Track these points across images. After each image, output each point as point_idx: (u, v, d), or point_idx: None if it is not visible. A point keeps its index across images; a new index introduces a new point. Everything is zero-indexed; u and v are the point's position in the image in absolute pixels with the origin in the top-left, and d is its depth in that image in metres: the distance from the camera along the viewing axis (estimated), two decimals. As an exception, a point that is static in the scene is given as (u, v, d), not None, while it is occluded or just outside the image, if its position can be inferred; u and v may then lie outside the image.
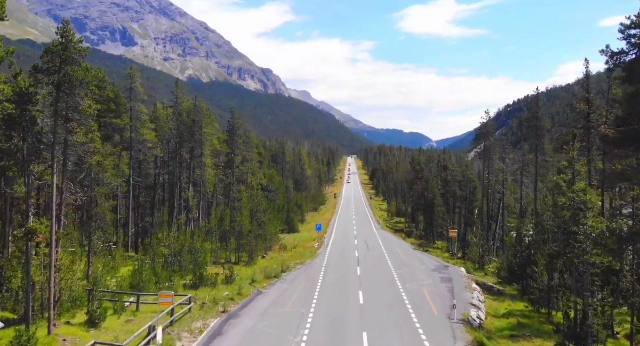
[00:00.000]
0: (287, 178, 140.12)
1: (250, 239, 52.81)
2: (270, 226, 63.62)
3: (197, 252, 44.45)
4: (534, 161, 57.14)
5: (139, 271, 37.00)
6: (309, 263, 50.83)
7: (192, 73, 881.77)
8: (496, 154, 65.40)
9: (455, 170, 77.20)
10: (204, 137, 54.00)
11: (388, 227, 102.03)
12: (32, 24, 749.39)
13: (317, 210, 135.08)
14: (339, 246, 63.71)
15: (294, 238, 79.35)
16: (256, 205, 62.51)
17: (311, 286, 39.29)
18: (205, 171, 55.37)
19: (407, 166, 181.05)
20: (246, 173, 73.01)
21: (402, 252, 60.19)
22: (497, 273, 56.60)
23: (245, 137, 76.51)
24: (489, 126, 65.45)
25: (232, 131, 66.41)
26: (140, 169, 53.77)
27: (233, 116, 67.94)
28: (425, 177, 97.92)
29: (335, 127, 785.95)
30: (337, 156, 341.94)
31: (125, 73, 51.16)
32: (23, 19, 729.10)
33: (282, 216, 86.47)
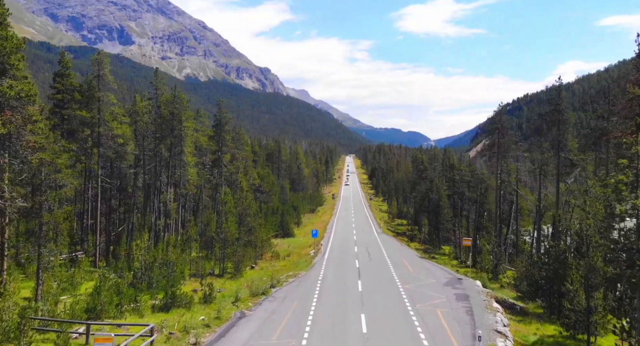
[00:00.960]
0: (283, 177, 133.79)
1: (237, 247, 46.53)
2: (261, 232, 57.39)
3: (172, 265, 38.17)
4: (555, 159, 50.87)
5: (98, 291, 30.71)
6: (304, 276, 44.52)
7: (190, 72, 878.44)
8: (510, 151, 59.05)
9: (464, 170, 70.91)
10: (184, 133, 47.61)
11: (389, 230, 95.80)
12: (29, 22, 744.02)
13: (314, 212, 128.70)
14: (337, 254, 57.46)
15: (289, 243, 73.05)
16: (245, 208, 56.22)
17: (304, 308, 33.01)
18: (186, 170, 48.97)
19: (408, 166, 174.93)
20: (236, 172, 66.75)
21: (408, 261, 53.94)
22: (515, 285, 50.46)
23: (235, 133, 70.23)
24: (503, 121, 59.10)
25: (219, 127, 59.89)
26: (113, 169, 47.43)
27: (220, 110, 61.41)
28: (429, 177, 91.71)
29: (333, 127, 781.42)
30: (336, 155, 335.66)
31: (92, 58, 44.71)
32: (20, 18, 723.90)
33: (276, 219, 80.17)
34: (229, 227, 45.34)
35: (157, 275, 35.90)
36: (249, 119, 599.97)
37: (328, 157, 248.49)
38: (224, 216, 45.22)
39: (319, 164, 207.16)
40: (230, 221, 45.58)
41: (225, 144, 59.99)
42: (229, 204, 45.50)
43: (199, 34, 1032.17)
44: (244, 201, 56.79)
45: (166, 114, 47.54)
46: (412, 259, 56.71)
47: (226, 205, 45.15)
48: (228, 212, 45.25)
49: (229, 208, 45.47)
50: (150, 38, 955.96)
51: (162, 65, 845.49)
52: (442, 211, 77.12)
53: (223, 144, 59.70)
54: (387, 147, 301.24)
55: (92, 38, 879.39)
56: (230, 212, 45.65)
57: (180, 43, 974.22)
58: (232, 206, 48.18)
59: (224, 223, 45.29)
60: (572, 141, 49.84)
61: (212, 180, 59.76)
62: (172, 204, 48.10)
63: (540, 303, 41.50)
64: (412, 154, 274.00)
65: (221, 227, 45.47)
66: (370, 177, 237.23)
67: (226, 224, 45.14)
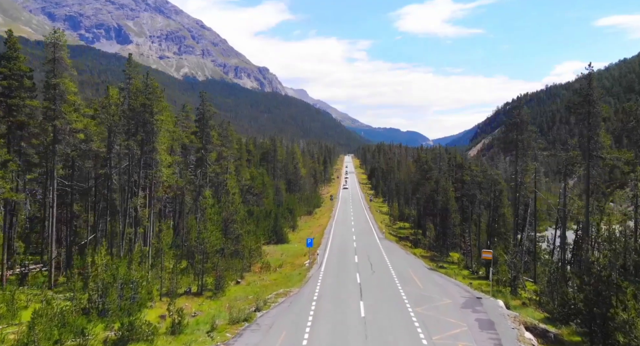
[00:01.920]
0: (279, 178, 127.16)
1: (218, 260, 39.93)
2: (249, 240, 50.80)
3: (136, 285, 31.59)
4: (585, 158, 44.34)
5: (33, 324, 24.17)
6: (296, 295, 37.90)
7: (188, 71, 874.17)
8: (530, 149, 52.42)
9: (475, 170, 64.28)
10: (157, 127, 40.95)
11: (391, 234, 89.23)
12: (26, 21, 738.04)
13: (311, 214, 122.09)
14: (335, 264, 50.85)
15: (282, 251, 66.45)
16: (231, 214, 49.67)
17: (294, 342, 26.51)
18: (159, 171, 42.29)
19: (409, 165, 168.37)
20: (223, 173, 60.19)
21: (416, 273, 47.30)
22: (539, 302, 43.98)
23: (222, 129, 63.61)
24: (522, 114, 52.43)
25: (202, 121, 53.14)
26: (74, 169, 40.78)
27: (203, 102, 54.61)
28: (434, 177, 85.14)
29: (332, 126, 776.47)
30: (334, 154, 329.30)
31: (45, 40, 38.04)
32: (17, 17, 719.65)
33: (269, 223, 73.55)
34: (209, 236, 38.74)
35: (113, 299, 29.28)
36: (247, 118, 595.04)
37: (326, 157, 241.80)
38: (202, 224, 38.65)
39: (316, 164, 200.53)
40: (210, 229, 38.98)
41: (210, 141, 53.25)
42: (209, 210, 38.91)
43: (197, 33, 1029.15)
44: (230, 205, 50.27)
45: (136, 105, 40.92)
46: (419, 270, 50.09)
47: (205, 211, 38.55)
48: (208, 219, 38.66)
49: (210, 213, 38.88)
50: (148, 37, 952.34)
51: (160, 64, 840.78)
52: (450, 215, 70.63)
53: (207, 141, 52.97)
54: (386, 147, 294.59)
55: (89, 37, 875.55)
56: (210, 219, 39.07)
57: (178, 42, 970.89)
58: (213, 212, 41.52)
59: (203, 232, 38.68)
60: (604, 136, 43.20)
61: (195, 181, 53.18)
62: (144, 211, 41.51)
63: (576, 328, 35.03)
64: (413, 153, 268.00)
65: (200, 237, 38.90)
66: (370, 177, 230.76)
67: (205, 234, 38.54)
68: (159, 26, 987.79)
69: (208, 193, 40.60)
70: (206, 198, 39.16)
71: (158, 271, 37.55)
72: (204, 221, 38.48)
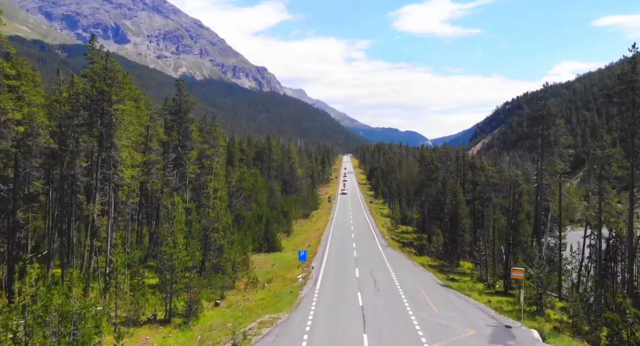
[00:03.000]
0: (275, 178, 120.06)
1: (190, 280, 32.87)
2: (232, 252, 43.74)
3: (78, 317, 24.55)
4: (631, 157, 37.35)
5: None
6: (284, 323, 30.82)
7: (186, 71, 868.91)
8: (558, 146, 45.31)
9: (490, 170, 57.14)
10: (116, 118, 33.78)
11: (394, 239, 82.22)
12: (23, 20, 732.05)
13: (308, 217, 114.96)
14: (333, 280, 43.75)
15: (274, 260, 59.42)
16: (212, 221, 42.65)
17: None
18: (120, 171, 35.13)
19: (411, 165, 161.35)
20: (206, 173, 53.13)
21: (428, 292, 40.20)
22: (576, 328, 37.04)
23: (205, 125, 56.52)
24: (549, 106, 45.31)
25: (178, 114, 45.98)
26: (17, 169, 33.60)
27: (180, 92, 47.31)
28: (441, 178, 78.16)
29: (330, 126, 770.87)
30: (333, 154, 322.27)
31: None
32: (14, 16, 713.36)
33: (260, 229, 66.51)
34: (178, 252, 31.70)
35: (39, 340, 22.26)
36: (246, 118, 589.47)
37: (324, 157, 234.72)
38: (170, 237, 31.70)
39: (314, 163, 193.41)
40: (180, 243, 31.97)
41: (189, 137, 46.12)
42: (178, 218, 31.91)
43: (195, 33, 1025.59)
44: (211, 211, 43.25)
45: (93, 93, 33.86)
46: (431, 288, 42.99)
47: (174, 220, 31.53)
48: (177, 230, 31.67)
49: (179, 224, 31.86)
50: (146, 37, 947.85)
51: (158, 64, 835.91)
52: (461, 220, 63.64)
53: (185, 137, 45.84)
54: (386, 146, 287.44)
55: (87, 37, 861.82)
56: (181, 230, 32.09)
57: (176, 42, 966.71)
58: (186, 221, 34.39)
59: (170, 247, 31.63)
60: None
61: (171, 184, 46.10)
62: (101, 219, 34.45)
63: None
64: (414, 153, 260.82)
65: (167, 252, 31.85)
66: (369, 177, 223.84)
67: (172, 249, 31.48)
68: (157, 26, 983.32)
69: (177, 198, 33.46)
70: (175, 204, 32.15)
71: (112, 298, 30.55)
72: (172, 233, 31.52)
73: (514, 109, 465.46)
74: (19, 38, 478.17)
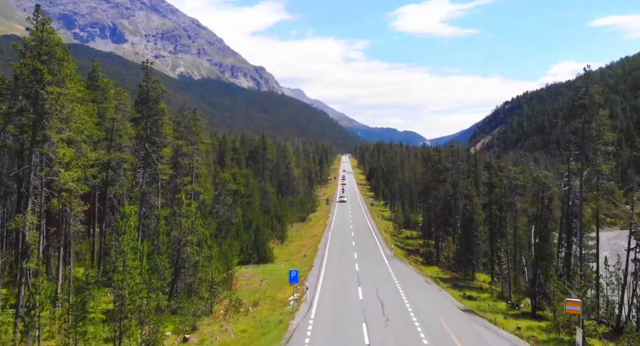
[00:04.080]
0: (270, 179, 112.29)
1: (146, 314, 25.26)
2: (210, 270, 36.07)
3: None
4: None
5: None
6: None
7: (184, 70, 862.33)
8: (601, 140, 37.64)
9: (513, 170, 49.38)
10: (51, 104, 25.99)
11: (398, 246, 74.69)
12: (20, 20, 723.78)
13: (305, 220, 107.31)
14: (331, 305, 35.97)
15: (264, 274, 51.74)
16: (184, 233, 35.05)
17: None
18: (58, 171, 27.32)
19: (414, 165, 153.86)
20: (183, 175, 45.58)
21: (449, 323, 32.36)
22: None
23: (183, 118, 48.77)
24: (592, 94, 37.65)
25: (145, 104, 38.07)
26: None
27: (147, 77, 39.42)
28: (451, 179, 70.62)
29: (329, 126, 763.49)
30: (331, 154, 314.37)
31: None
32: (11, 16, 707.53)
33: (249, 237, 58.88)
34: (129, 277, 24.11)
35: None
36: (244, 118, 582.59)
37: (322, 156, 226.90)
38: (120, 258, 24.07)
39: (312, 163, 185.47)
40: (131, 265, 24.40)
41: (159, 131, 38.27)
42: (129, 234, 24.33)
43: (193, 32, 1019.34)
44: (185, 219, 35.64)
45: (25, 72, 26.19)
46: (451, 314, 35.25)
47: (124, 236, 23.91)
48: (128, 249, 24.08)
49: (130, 241, 24.18)
50: (144, 36, 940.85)
51: (156, 63, 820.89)
52: (476, 228, 56.03)
53: (155, 131, 38.03)
54: (387, 146, 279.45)
55: (84, 36, 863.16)
56: (132, 248, 24.49)
57: (173, 41, 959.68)
58: (133, 239, 26.67)
59: (118, 271, 24.05)
60: None
61: (136, 187, 38.34)
62: (32, 233, 26.75)
63: None
64: (415, 152, 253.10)
65: (115, 278, 24.26)
66: (369, 177, 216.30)
67: (121, 274, 23.90)
68: (155, 25, 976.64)
69: (129, 207, 25.86)
70: (126, 215, 24.56)
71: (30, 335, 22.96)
72: (122, 253, 23.98)
73: (513, 108, 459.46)
74: (15, 37, 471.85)
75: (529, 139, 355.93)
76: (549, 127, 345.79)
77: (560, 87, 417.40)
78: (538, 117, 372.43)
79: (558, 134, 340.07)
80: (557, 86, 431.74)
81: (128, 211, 25.47)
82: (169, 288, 35.12)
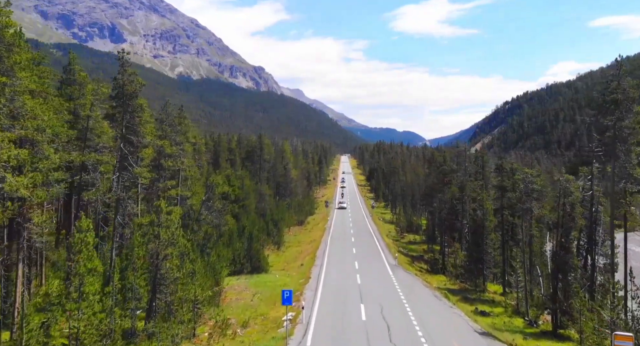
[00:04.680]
0: (267, 181, 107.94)
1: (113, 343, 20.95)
2: (192, 288, 31.77)
3: None
4: None
5: None
6: None
7: (183, 70, 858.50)
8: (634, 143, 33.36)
9: (529, 173, 45.07)
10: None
11: (402, 252, 70.37)
12: (18, 19, 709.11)
13: (303, 224, 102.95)
14: (331, 328, 31.66)
15: (256, 287, 47.35)
16: (163, 246, 30.75)
17: None
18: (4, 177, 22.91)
19: (416, 166, 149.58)
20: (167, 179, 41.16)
21: None
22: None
23: (166, 116, 44.36)
24: (625, 87, 33.39)
25: (122, 99, 33.62)
26: None
27: (122, 69, 34.69)
28: (460, 182, 66.31)
29: (328, 126, 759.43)
30: (330, 154, 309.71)
31: None
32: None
33: (241, 245, 54.53)
34: (86, 307, 19.82)
35: None
36: (243, 118, 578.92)
37: (322, 157, 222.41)
38: (75, 282, 19.72)
39: (311, 164, 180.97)
40: (89, 290, 20.05)
41: (136, 130, 33.81)
42: (85, 252, 20.01)
43: (192, 32, 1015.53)
44: (165, 230, 31.32)
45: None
46: (468, 339, 30.82)
47: (77, 258, 19.55)
48: (84, 272, 19.70)
49: (84, 262, 19.85)
50: (142, 36, 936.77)
51: (154, 63, 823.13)
52: (488, 235, 51.70)
53: (132, 130, 33.61)
54: (387, 146, 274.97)
55: (82, 36, 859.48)
56: (90, 271, 20.13)
57: (172, 41, 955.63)
58: (91, 259, 22.23)
59: (72, 301, 19.69)
60: None
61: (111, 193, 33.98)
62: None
63: None
64: (416, 152, 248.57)
65: (68, 307, 19.96)
66: (369, 178, 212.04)
67: (73, 304, 19.58)
68: (154, 25, 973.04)
69: (85, 221, 21.54)
70: (81, 230, 20.26)
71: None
72: (78, 276, 19.64)
73: (514, 108, 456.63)
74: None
75: (530, 139, 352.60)
76: (549, 127, 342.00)
77: (561, 87, 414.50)
78: (539, 117, 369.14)
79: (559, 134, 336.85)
80: (557, 85, 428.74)
81: (85, 224, 21.16)
82: (146, 308, 30.79)
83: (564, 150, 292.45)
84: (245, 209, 75.96)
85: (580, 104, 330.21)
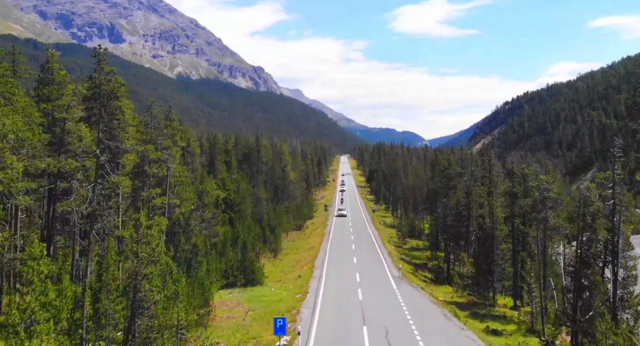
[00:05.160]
0: (264, 184, 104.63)
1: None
2: (174, 312, 28.44)
3: None
4: None
5: None
6: None
7: (182, 70, 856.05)
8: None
9: (544, 179, 41.67)
10: None
11: (404, 260, 67.07)
12: (17, 19, 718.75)
13: (301, 228, 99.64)
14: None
15: (250, 302, 43.97)
16: (142, 265, 27.39)
17: None
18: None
19: (418, 169, 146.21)
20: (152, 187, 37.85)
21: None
22: None
23: (151, 118, 41.00)
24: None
25: (99, 99, 29.88)
26: None
27: (99, 66, 30.96)
28: (466, 187, 63.02)
29: (327, 126, 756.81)
30: (330, 155, 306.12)
31: None
32: (8, 15, 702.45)
33: (234, 256, 51.18)
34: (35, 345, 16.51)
35: None
36: (242, 118, 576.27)
37: (321, 157, 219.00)
38: (24, 317, 16.44)
39: (310, 165, 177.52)
40: (42, 329, 16.69)
41: (114, 135, 30.35)
42: (37, 283, 16.71)
43: (192, 32, 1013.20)
44: (144, 247, 27.96)
45: None
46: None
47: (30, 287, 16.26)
48: (36, 305, 16.35)
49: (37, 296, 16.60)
50: (142, 36, 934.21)
51: (154, 63, 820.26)
52: (499, 245, 48.38)
53: (109, 134, 30.17)
54: (387, 147, 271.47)
55: (81, 36, 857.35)
56: (46, 304, 16.75)
57: (172, 41, 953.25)
58: (44, 289, 18.76)
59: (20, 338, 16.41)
60: None
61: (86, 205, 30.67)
62: None
63: None
64: (417, 154, 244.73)
65: None
66: (368, 179, 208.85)
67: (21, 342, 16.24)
68: (153, 25, 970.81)
69: (39, 245, 18.13)
70: (34, 257, 16.82)
71: None
72: (29, 311, 16.35)
73: (514, 108, 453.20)
74: (12, 36, 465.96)
75: (530, 140, 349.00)
76: (550, 127, 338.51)
77: (561, 87, 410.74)
78: (539, 118, 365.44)
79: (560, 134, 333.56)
80: (557, 86, 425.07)
81: (37, 250, 17.80)
82: (122, 336, 27.44)
83: (565, 150, 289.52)
84: (241, 214, 72.71)
85: (582, 104, 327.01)
